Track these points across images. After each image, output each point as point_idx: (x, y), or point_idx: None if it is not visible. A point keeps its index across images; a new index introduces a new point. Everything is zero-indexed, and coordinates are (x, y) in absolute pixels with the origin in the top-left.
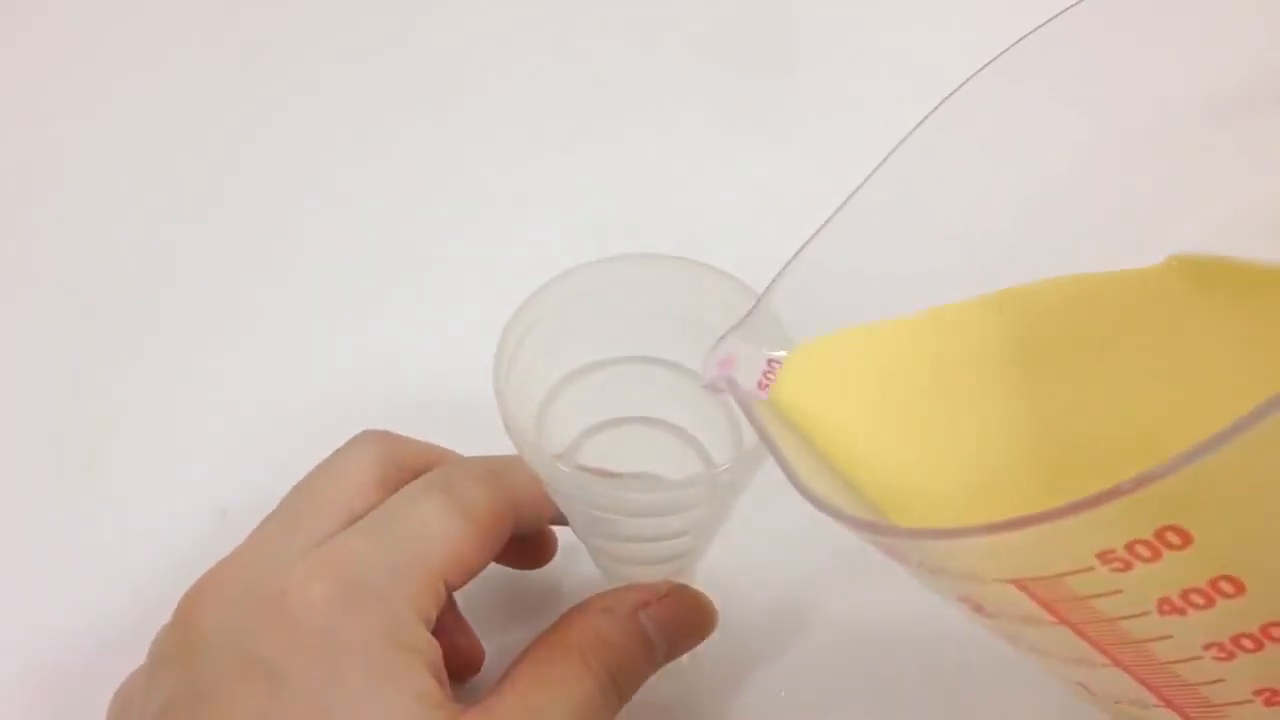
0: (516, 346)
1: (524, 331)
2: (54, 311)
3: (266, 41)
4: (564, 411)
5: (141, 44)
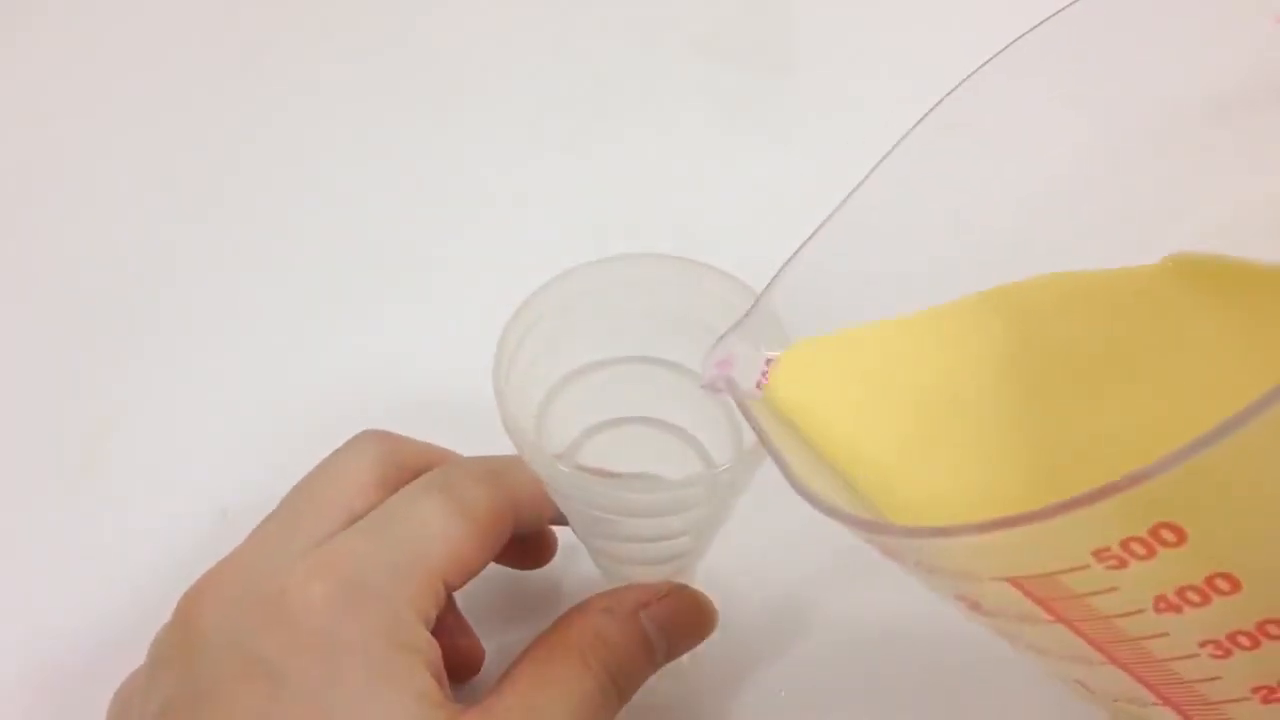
0: (516, 346)
1: (524, 331)
2: (54, 311)
3: (266, 41)
4: (564, 411)
5: (141, 44)
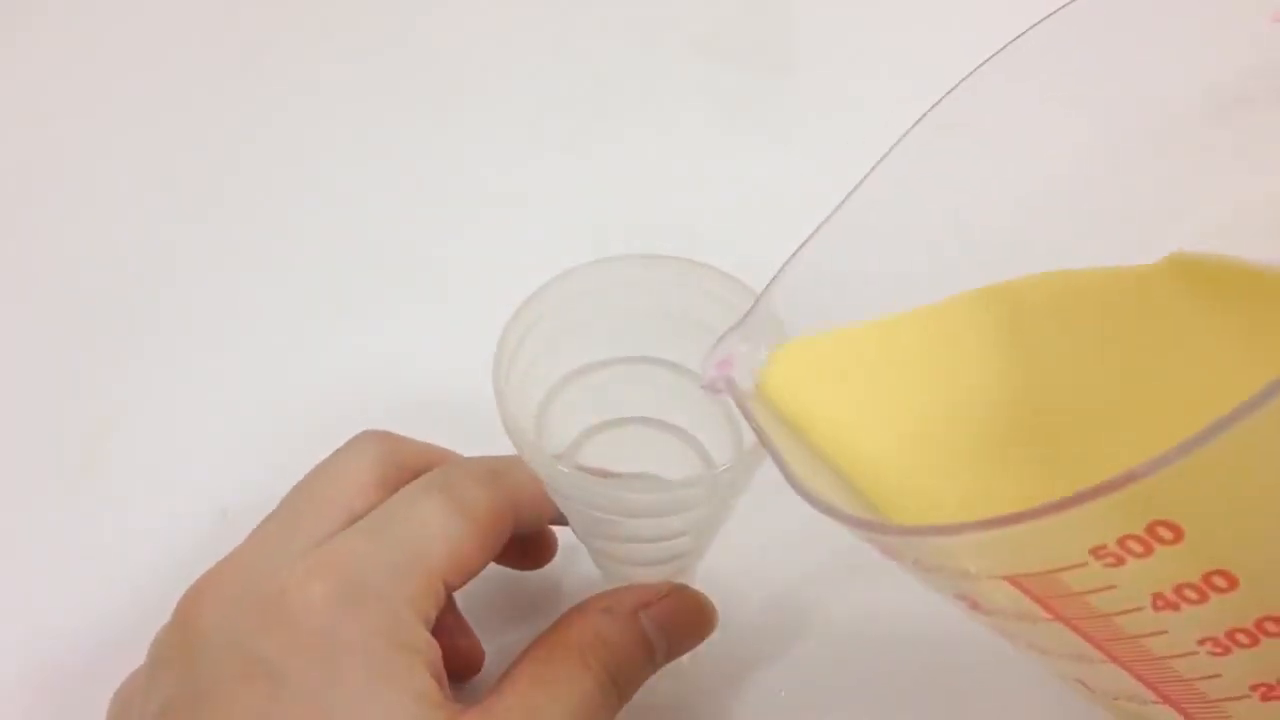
0: (516, 346)
1: (524, 331)
2: (54, 311)
3: (266, 41)
4: (564, 411)
5: (141, 44)
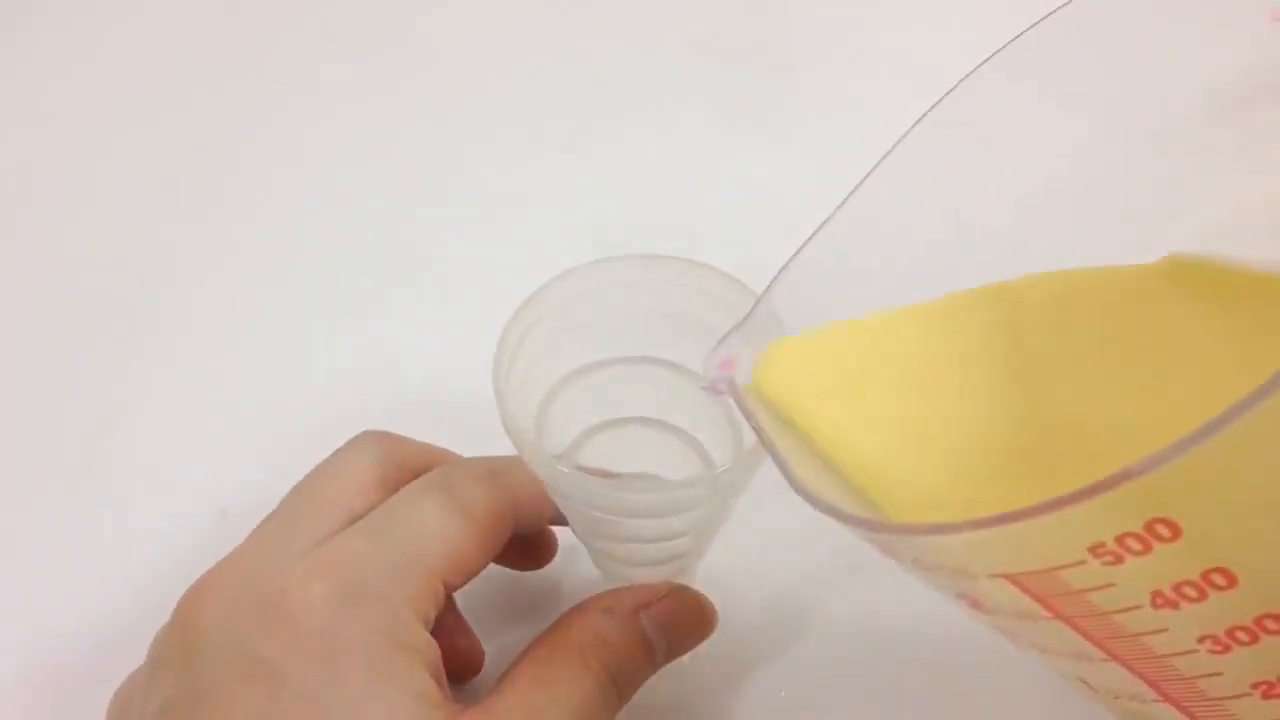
0: (516, 346)
1: (524, 331)
2: (54, 311)
3: (266, 41)
4: (564, 411)
5: (141, 44)
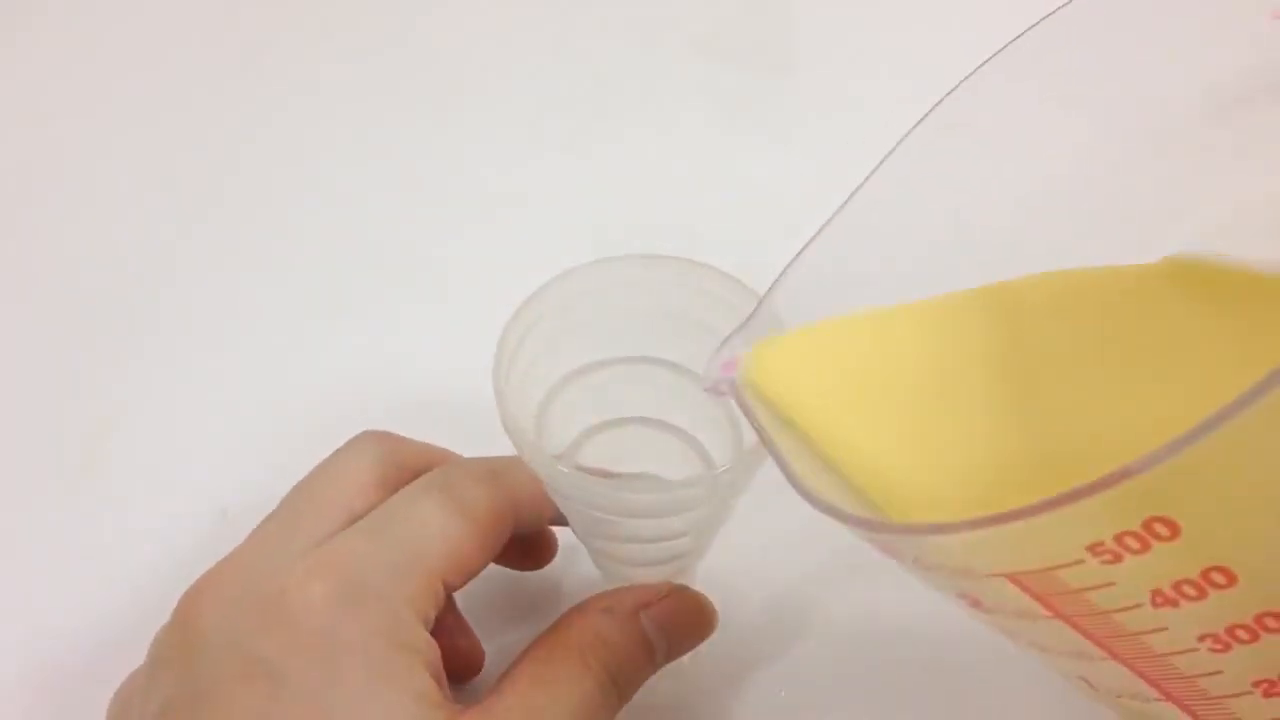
0: (516, 346)
1: (524, 331)
2: (54, 311)
3: (266, 41)
4: (564, 411)
5: (141, 44)
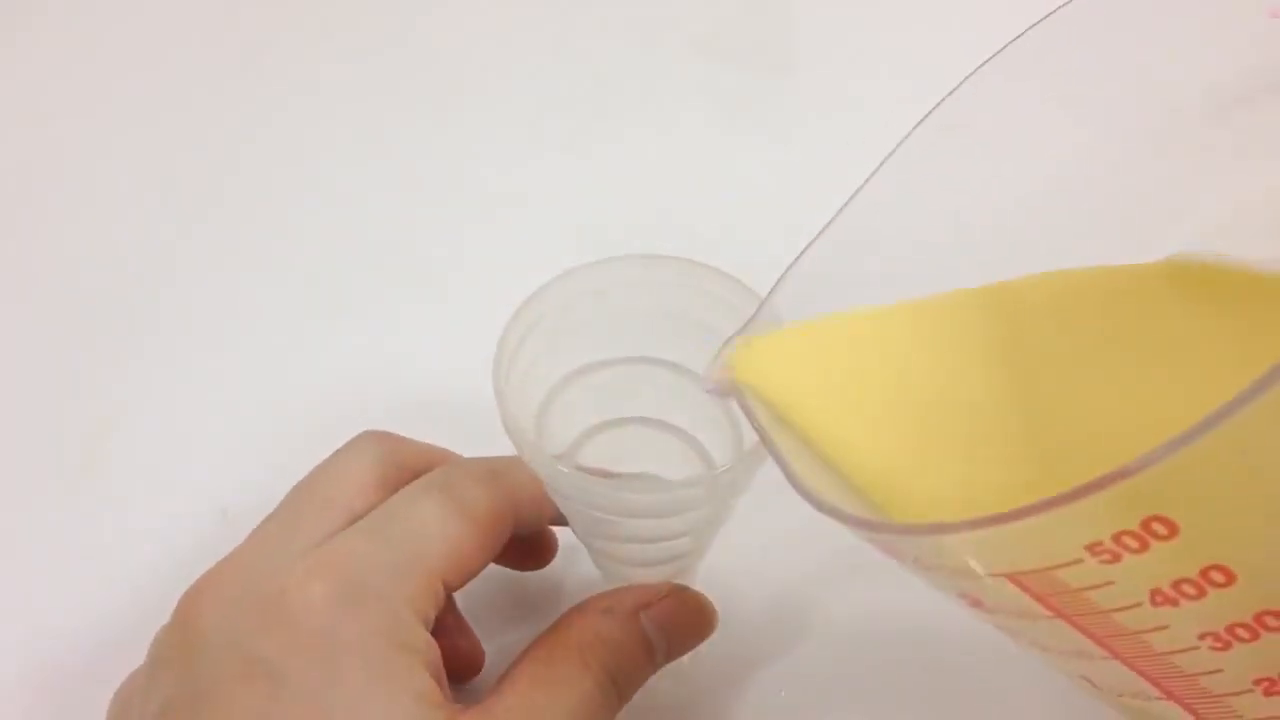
0: (516, 346)
1: (524, 331)
2: (54, 311)
3: (266, 41)
4: (564, 411)
5: (141, 44)
